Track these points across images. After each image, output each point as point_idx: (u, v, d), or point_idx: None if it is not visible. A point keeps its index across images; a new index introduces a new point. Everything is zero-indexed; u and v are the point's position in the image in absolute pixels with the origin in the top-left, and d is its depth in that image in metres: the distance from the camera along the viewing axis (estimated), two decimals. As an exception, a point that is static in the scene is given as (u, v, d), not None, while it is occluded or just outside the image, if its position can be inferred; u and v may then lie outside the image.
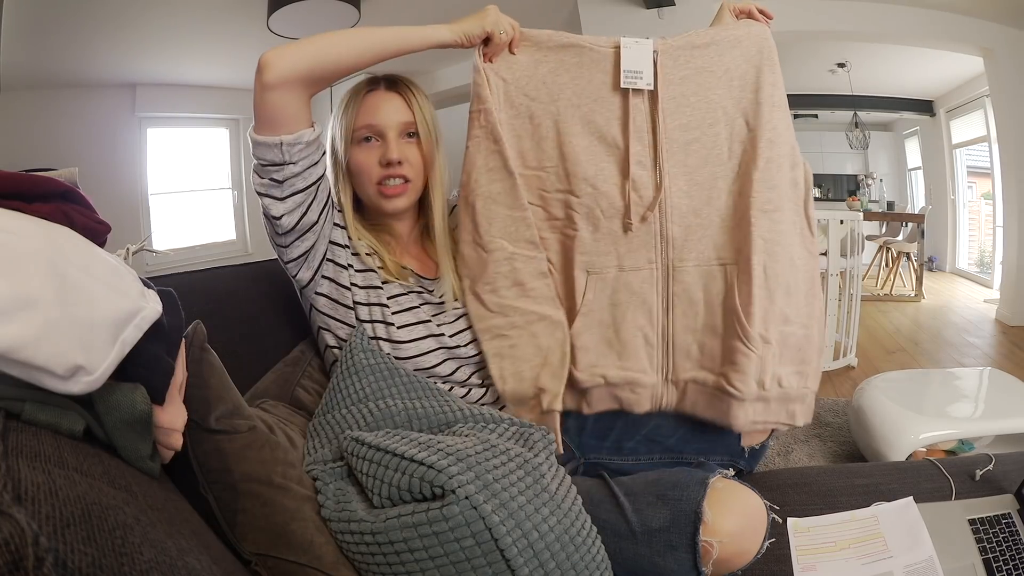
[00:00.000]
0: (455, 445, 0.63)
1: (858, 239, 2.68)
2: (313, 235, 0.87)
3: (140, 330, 0.46)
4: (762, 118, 0.92)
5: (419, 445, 0.63)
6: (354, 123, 0.92)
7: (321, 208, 0.87)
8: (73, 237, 0.46)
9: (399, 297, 0.94)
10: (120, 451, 0.47)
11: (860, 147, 6.58)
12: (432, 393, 0.85)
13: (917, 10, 3.36)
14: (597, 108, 0.92)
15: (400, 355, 0.90)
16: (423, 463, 0.60)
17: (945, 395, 1.79)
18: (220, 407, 0.63)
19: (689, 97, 0.92)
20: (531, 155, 0.95)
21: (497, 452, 0.64)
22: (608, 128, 0.92)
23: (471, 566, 0.57)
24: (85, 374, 0.41)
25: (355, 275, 0.92)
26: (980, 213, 5.47)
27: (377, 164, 0.91)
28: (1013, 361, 2.79)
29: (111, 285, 0.45)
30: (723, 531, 0.70)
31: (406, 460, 0.61)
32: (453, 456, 0.61)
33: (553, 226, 0.97)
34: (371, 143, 0.92)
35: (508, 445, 0.66)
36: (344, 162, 0.94)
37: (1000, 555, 0.79)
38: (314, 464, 0.71)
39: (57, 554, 0.29)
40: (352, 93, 0.95)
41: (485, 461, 0.61)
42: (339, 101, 0.96)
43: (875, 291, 4.85)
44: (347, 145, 0.93)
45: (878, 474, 1.03)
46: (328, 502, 0.67)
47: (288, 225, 0.84)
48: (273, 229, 0.86)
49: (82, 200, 0.52)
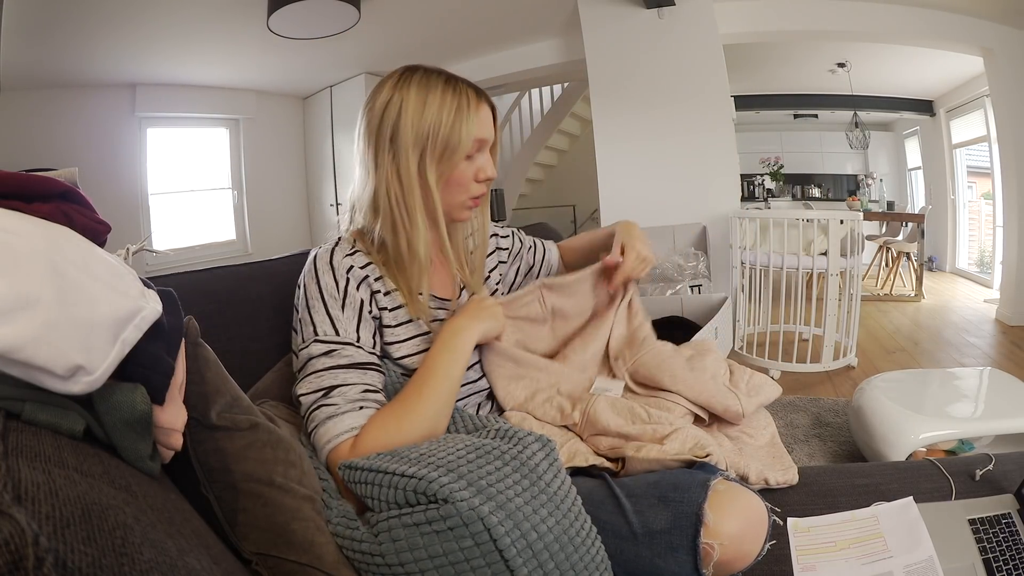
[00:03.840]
0: (446, 457, 0.64)
1: (858, 239, 2.68)
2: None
3: (140, 330, 0.46)
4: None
5: (409, 462, 0.64)
6: (472, 135, 0.84)
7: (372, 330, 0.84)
8: (73, 237, 0.46)
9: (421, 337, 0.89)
10: (120, 451, 0.47)
11: (860, 147, 6.58)
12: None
13: (917, 10, 3.36)
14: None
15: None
16: (414, 476, 0.60)
17: (945, 395, 1.79)
18: (219, 401, 0.63)
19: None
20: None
21: (491, 458, 0.64)
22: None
23: (470, 567, 0.57)
24: (85, 374, 0.41)
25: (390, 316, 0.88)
26: (980, 213, 5.47)
27: (474, 179, 0.87)
28: (1013, 361, 2.79)
29: (111, 285, 0.45)
30: (724, 533, 0.70)
31: (398, 476, 0.62)
32: (444, 468, 0.61)
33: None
34: (473, 157, 0.87)
35: (503, 448, 0.65)
36: (436, 172, 0.84)
37: (1000, 555, 0.79)
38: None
39: (57, 554, 0.29)
40: (465, 101, 0.84)
41: (478, 468, 0.62)
42: (428, 103, 0.83)
43: (875, 291, 4.85)
44: (458, 155, 0.84)
45: (878, 474, 1.03)
46: (331, 501, 0.67)
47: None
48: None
49: (82, 200, 0.52)
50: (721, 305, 2.14)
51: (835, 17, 3.43)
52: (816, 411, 2.17)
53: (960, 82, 5.11)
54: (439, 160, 0.84)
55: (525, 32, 3.92)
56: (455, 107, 0.83)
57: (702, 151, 3.35)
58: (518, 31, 3.89)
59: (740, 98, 4.57)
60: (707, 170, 3.34)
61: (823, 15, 3.44)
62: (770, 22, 3.50)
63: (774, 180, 6.77)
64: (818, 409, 2.19)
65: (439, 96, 0.83)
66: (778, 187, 6.84)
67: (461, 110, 0.83)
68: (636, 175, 3.48)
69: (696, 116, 3.33)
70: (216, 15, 3.14)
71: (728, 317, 2.26)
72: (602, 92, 3.53)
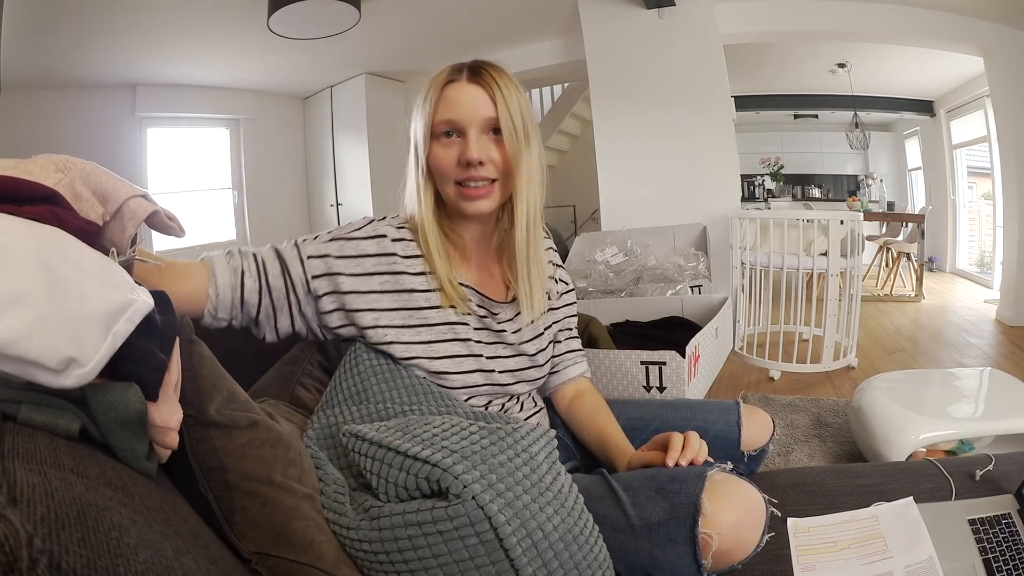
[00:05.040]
0: (459, 441, 0.63)
1: (858, 239, 2.68)
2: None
3: (132, 323, 0.46)
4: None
5: (422, 442, 0.63)
6: (432, 117, 0.84)
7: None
8: (63, 236, 0.47)
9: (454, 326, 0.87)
10: (116, 451, 0.47)
11: (860, 147, 6.57)
12: (434, 397, 0.84)
13: (917, 10, 3.36)
14: None
15: (443, 384, 0.87)
16: (427, 461, 0.59)
17: (945, 395, 1.79)
18: (216, 397, 0.63)
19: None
20: None
21: (504, 446, 0.63)
22: None
23: (474, 565, 0.57)
24: (78, 367, 0.41)
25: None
26: (980, 213, 5.46)
27: (456, 163, 0.83)
28: (1013, 361, 2.79)
29: (102, 279, 0.45)
30: (722, 523, 0.70)
31: (409, 458, 0.61)
32: (458, 454, 0.60)
33: None
34: (451, 139, 0.84)
35: (514, 438, 0.65)
36: (424, 159, 0.86)
37: (1000, 555, 0.79)
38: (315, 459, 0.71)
39: (52, 556, 0.29)
40: (432, 83, 0.85)
41: (491, 458, 0.61)
42: (419, 91, 0.87)
43: (875, 291, 4.84)
44: (426, 140, 0.85)
45: (878, 474, 1.03)
46: (328, 501, 0.66)
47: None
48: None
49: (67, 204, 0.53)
50: (721, 305, 2.14)
51: (835, 17, 3.43)
52: (816, 411, 2.17)
53: (960, 82, 5.10)
54: (418, 148, 0.86)
55: (525, 32, 3.92)
56: (425, 90, 0.85)
57: (702, 151, 3.35)
58: (518, 31, 3.89)
59: (740, 98, 4.57)
60: (707, 170, 3.34)
61: (823, 15, 3.44)
62: (770, 22, 3.50)
63: (774, 180, 6.78)
64: (818, 409, 2.19)
65: (426, 82, 0.86)
66: (778, 187, 6.85)
67: (427, 91, 0.85)
68: (636, 175, 3.48)
69: (696, 116, 3.33)
70: (216, 15, 3.15)
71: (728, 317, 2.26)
72: (602, 92, 3.52)
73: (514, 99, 0.84)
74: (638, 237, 3.01)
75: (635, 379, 1.61)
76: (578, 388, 1.06)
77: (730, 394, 2.49)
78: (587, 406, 1.02)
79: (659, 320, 2.21)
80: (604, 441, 0.95)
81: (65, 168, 0.56)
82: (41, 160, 0.55)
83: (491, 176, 0.84)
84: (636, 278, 2.80)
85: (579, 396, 1.05)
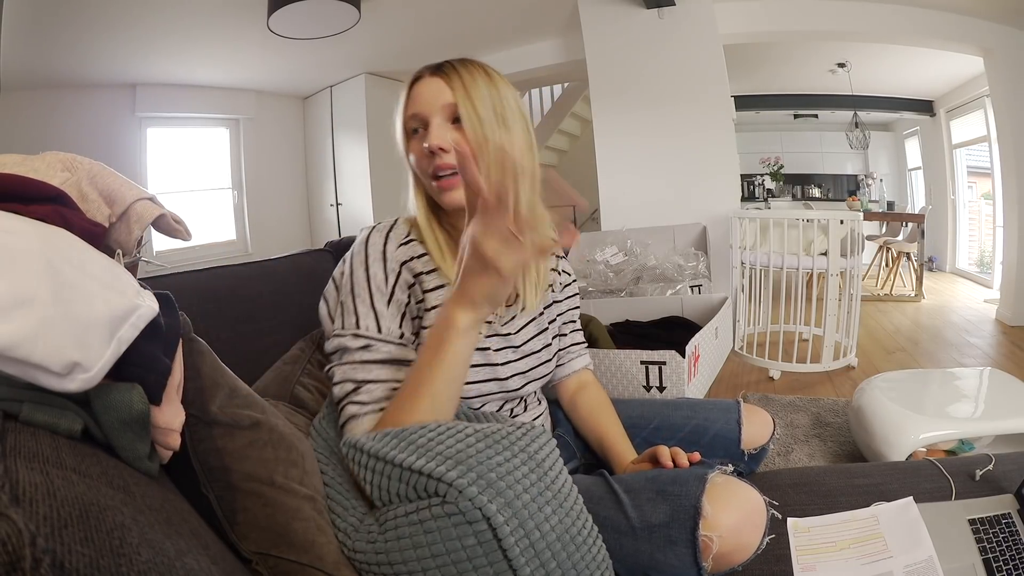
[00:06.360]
0: (455, 445, 0.63)
1: (858, 239, 2.68)
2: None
3: (136, 328, 0.46)
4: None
5: (417, 449, 0.63)
6: (403, 115, 0.86)
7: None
8: (69, 237, 0.47)
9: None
10: (118, 451, 0.47)
11: (860, 147, 6.58)
12: None
13: (917, 10, 3.36)
14: None
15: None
16: (421, 472, 0.59)
17: (945, 395, 1.79)
18: (217, 394, 0.63)
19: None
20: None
21: (501, 447, 0.63)
22: None
23: (472, 565, 0.57)
24: (82, 371, 0.41)
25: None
26: (980, 213, 5.46)
27: (425, 155, 0.83)
28: (1013, 361, 2.79)
29: (107, 284, 0.45)
30: (723, 525, 0.70)
31: (404, 469, 0.61)
32: (452, 459, 0.60)
33: None
34: (419, 134, 0.84)
35: (512, 438, 0.65)
36: (405, 158, 0.88)
37: (1000, 555, 0.79)
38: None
39: (54, 555, 0.29)
40: (405, 83, 0.87)
41: (488, 460, 0.60)
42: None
43: (875, 291, 4.84)
44: (403, 139, 0.87)
45: (878, 474, 1.03)
46: (329, 502, 0.67)
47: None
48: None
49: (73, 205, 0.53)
50: (721, 305, 2.14)
51: (835, 17, 3.43)
52: (816, 411, 2.17)
53: (960, 82, 5.10)
54: (400, 148, 0.88)
55: (525, 32, 3.91)
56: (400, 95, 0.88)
57: (702, 151, 3.34)
58: (518, 31, 3.89)
59: (740, 98, 4.57)
60: (707, 170, 3.34)
61: (823, 15, 3.44)
62: (770, 22, 3.50)
63: (774, 180, 6.77)
64: (818, 409, 2.19)
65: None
66: (778, 187, 6.85)
67: (401, 92, 0.87)
68: (636, 175, 3.48)
69: (696, 116, 3.33)
70: (216, 15, 3.15)
71: (728, 317, 2.26)
72: (602, 92, 3.52)
73: (478, 84, 0.83)
74: (638, 237, 3.01)
75: (635, 379, 1.61)
76: (581, 381, 1.07)
77: (730, 394, 2.49)
78: (589, 401, 1.04)
79: (659, 320, 2.21)
80: (604, 441, 0.97)
81: (72, 167, 0.56)
82: (48, 158, 0.55)
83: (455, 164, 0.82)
84: (636, 278, 2.80)
85: (582, 389, 1.06)
